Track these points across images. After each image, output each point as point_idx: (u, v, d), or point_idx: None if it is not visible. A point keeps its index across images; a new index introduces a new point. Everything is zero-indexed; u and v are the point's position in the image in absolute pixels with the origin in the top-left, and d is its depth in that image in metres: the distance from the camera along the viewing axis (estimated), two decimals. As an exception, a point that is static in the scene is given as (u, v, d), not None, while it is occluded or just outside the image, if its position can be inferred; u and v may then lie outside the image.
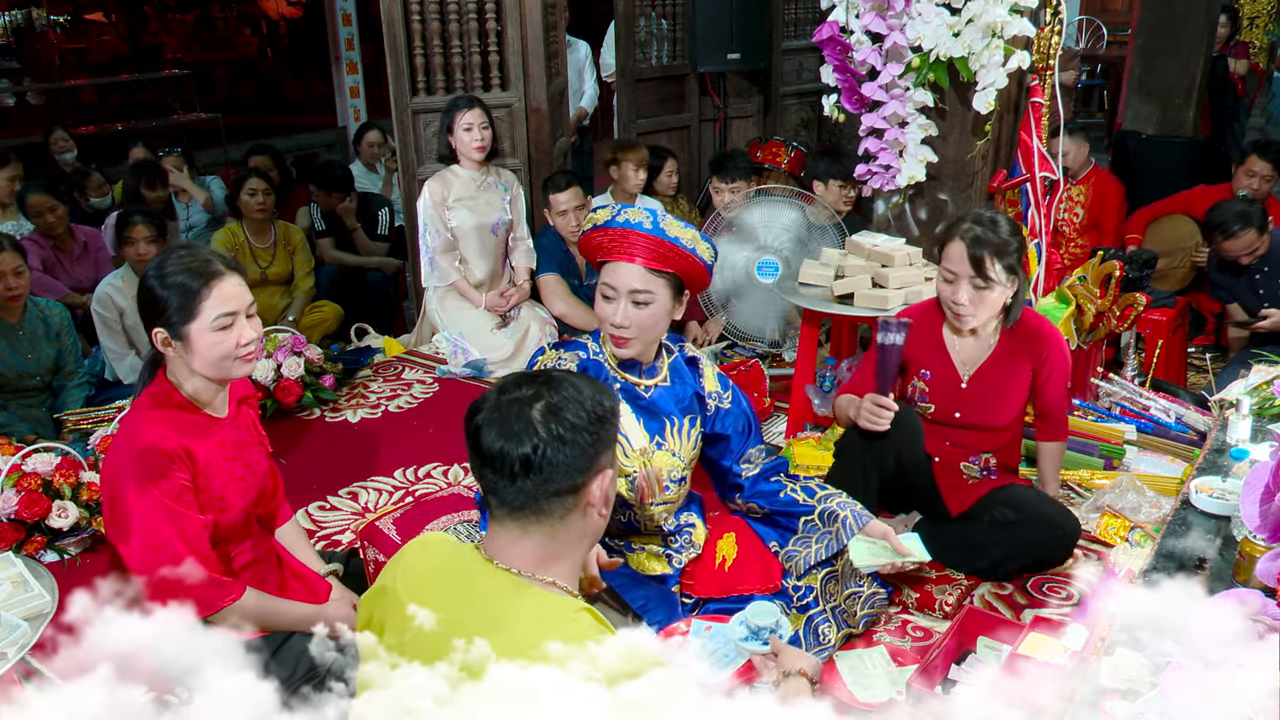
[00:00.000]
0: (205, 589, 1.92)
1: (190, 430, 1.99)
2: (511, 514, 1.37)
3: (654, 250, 2.14)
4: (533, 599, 1.35)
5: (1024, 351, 2.66)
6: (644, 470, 2.27)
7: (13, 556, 2.46)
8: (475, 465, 1.38)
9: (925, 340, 2.71)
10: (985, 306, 2.56)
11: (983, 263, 2.49)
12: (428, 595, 1.36)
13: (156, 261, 1.99)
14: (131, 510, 1.90)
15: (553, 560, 1.39)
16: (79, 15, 11.99)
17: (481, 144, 4.14)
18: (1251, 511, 1.71)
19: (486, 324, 4.28)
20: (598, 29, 6.96)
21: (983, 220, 2.54)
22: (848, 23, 3.35)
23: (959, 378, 2.70)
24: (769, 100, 6.11)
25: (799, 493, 2.37)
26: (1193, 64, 6.01)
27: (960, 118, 3.43)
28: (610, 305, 2.19)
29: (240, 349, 1.99)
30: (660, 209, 2.27)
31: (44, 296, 3.97)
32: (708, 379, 2.40)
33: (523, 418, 1.34)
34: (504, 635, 1.24)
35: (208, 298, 1.94)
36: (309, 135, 9.80)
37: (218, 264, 1.99)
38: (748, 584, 2.34)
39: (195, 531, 1.94)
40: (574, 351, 2.28)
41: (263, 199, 4.67)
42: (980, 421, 2.70)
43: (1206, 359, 4.22)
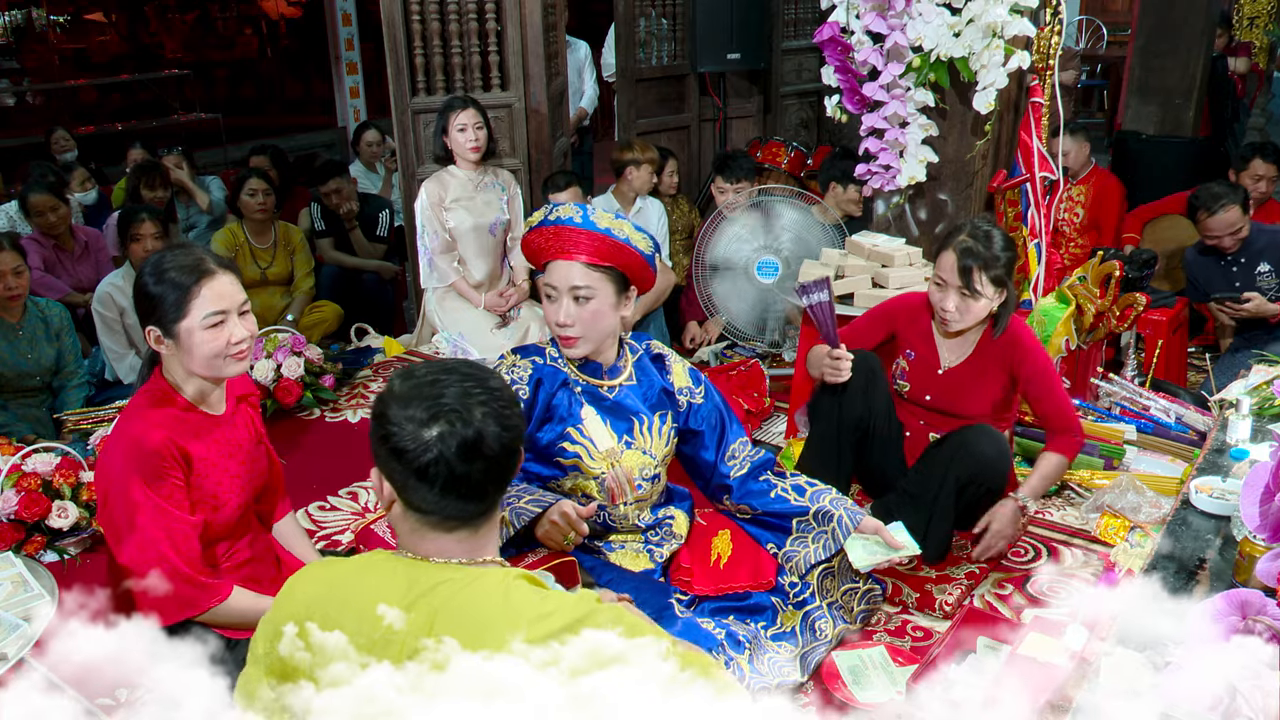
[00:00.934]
0: (190, 589, 1.93)
1: (185, 428, 1.99)
2: (461, 525, 1.35)
3: (589, 245, 2.15)
4: (484, 580, 1.35)
5: (1001, 357, 2.75)
6: (612, 472, 2.27)
7: (13, 556, 2.46)
8: (426, 498, 1.33)
9: (916, 326, 2.85)
10: (971, 314, 2.68)
11: (971, 274, 2.60)
12: (351, 612, 1.31)
13: (152, 260, 1.99)
14: (122, 509, 1.90)
15: (489, 542, 1.41)
16: (79, 15, 11.99)
17: (476, 144, 4.13)
18: (1251, 511, 1.71)
19: (486, 324, 4.28)
20: (598, 29, 6.96)
21: (978, 233, 2.64)
22: (848, 23, 3.35)
23: (938, 364, 2.82)
24: (769, 100, 6.11)
25: (789, 492, 2.37)
26: (1193, 64, 6.01)
27: (960, 118, 3.43)
28: (553, 305, 2.19)
29: (231, 347, 1.99)
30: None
31: (45, 296, 3.97)
32: (676, 375, 2.39)
33: (477, 439, 1.32)
34: (468, 624, 1.26)
35: (198, 295, 1.95)
36: (309, 135, 9.80)
37: (210, 262, 1.99)
38: (741, 580, 2.34)
39: (184, 532, 1.94)
40: (529, 357, 2.28)
41: (263, 199, 4.67)
42: (948, 408, 2.82)
43: (1206, 359, 4.22)
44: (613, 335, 2.28)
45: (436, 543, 1.37)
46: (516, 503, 2.13)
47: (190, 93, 9.66)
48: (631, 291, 2.25)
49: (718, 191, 4.60)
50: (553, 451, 2.26)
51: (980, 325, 2.76)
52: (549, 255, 2.20)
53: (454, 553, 1.37)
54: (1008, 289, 2.68)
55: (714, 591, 2.32)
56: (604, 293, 2.18)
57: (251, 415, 2.21)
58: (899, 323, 2.89)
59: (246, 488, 2.11)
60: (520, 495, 2.15)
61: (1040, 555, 2.82)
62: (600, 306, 2.18)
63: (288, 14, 12.51)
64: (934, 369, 2.82)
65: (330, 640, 1.25)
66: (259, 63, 13.08)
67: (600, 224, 2.15)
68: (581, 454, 2.25)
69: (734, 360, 4.21)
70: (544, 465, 2.30)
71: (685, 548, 2.43)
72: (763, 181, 4.74)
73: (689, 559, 2.40)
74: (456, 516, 1.35)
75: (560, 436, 2.25)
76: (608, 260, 2.16)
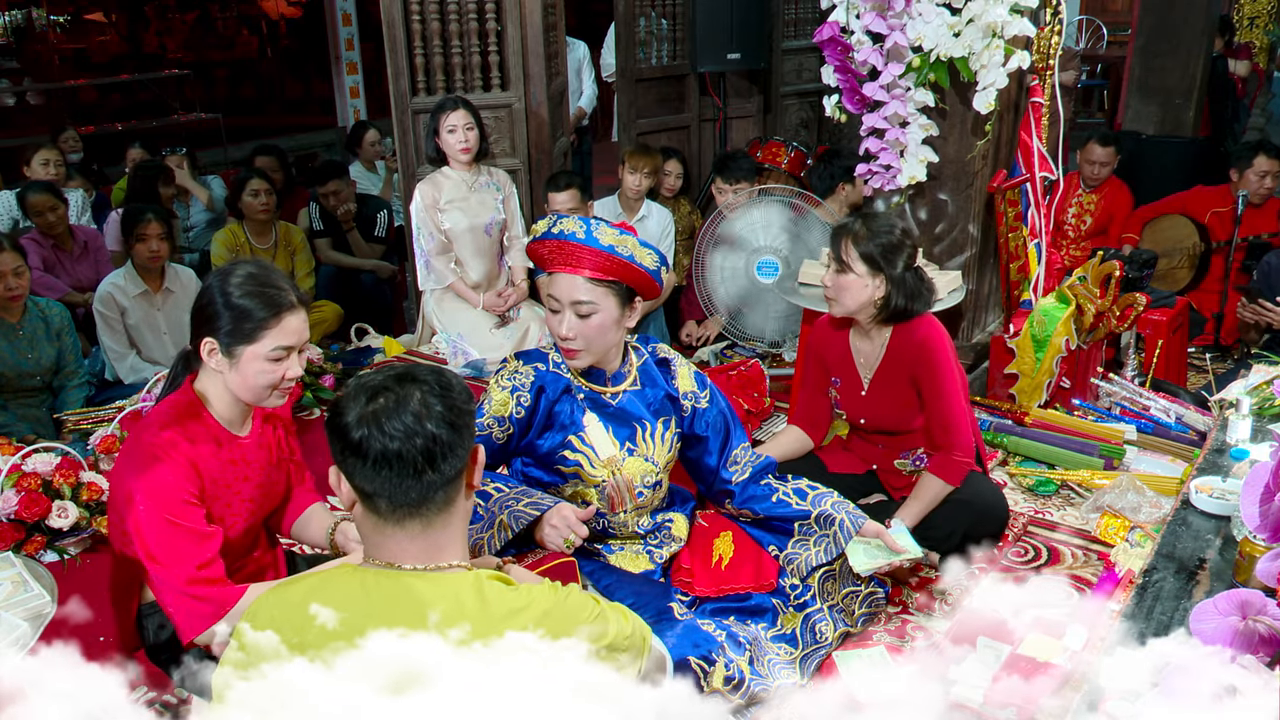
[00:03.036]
0: (203, 605, 1.88)
1: (205, 448, 1.94)
2: (409, 514, 1.36)
3: (593, 260, 2.11)
4: (448, 584, 1.36)
5: (906, 359, 2.67)
6: (613, 479, 2.26)
7: (12, 556, 2.46)
8: (364, 475, 1.35)
9: (833, 349, 2.80)
10: (845, 294, 2.62)
11: (839, 245, 2.59)
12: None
13: (224, 272, 1.93)
14: (142, 522, 1.85)
15: (450, 545, 1.41)
16: (79, 15, 12.00)
17: (466, 145, 4.12)
18: (1251, 511, 1.71)
19: (485, 324, 4.28)
20: (597, 29, 6.96)
21: (868, 216, 2.64)
22: (848, 23, 3.35)
23: (861, 384, 2.75)
24: (769, 100, 6.11)
25: (791, 496, 2.37)
26: (1192, 64, 6.01)
27: (960, 118, 3.43)
28: (556, 317, 2.17)
29: (285, 382, 1.96)
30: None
31: (44, 296, 3.97)
32: (682, 380, 2.37)
33: (407, 413, 1.34)
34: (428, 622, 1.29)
35: (274, 328, 1.90)
36: (309, 135, 9.79)
37: (291, 295, 1.94)
38: (742, 582, 2.34)
39: (204, 533, 1.89)
40: (532, 363, 2.26)
41: (265, 200, 4.67)
42: (884, 427, 2.75)
43: (1206, 359, 4.22)
44: (617, 344, 2.27)
45: (393, 539, 1.37)
46: (515, 505, 2.11)
47: (190, 93, 9.65)
48: (637, 302, 2.22)
49: (717, 192, 4.59)
50: (553, 459, 2.25)
51: (872, 321, 2.66)
52: (553, 266, 2.17)
53: (410, 553, 1.37)
54: (888, 278, 2.57)
55: (715, 592, 2.32)
56: (607, 306, 2.15)
57: (279, 436, 2.15)
58: (822, 349, 2.82)
59: (257, 511, 2.07)
60: (519, 498, 2.14)
61: (1040, 555, 2.82)
62: (604, 320, 2.15)
63: (288, 14, 12.52)
64: (858, 390, 2.75)
65: (263, 639, 1.29)
66: (259, 63, 13.08)
67: (604, 240, 2.10)
68: (583, 462, 2.24)
69: (734, 360, 4.21)
70: (544, 471, 2.29)
71: (687, 549, 2.43)
72: (763, 181, 4.74)
73: (690, 560, 2.40)
74: (401, 501, 1.35)
75: (561, 444, 2.24)
76: (611, 275, 2.13)
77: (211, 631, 1.87)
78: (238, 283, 1.91)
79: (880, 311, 2.63)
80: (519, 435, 2.23)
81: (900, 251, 2.59)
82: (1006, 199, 3.52)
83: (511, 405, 2.20)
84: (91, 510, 2.90)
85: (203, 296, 1.94)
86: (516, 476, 2.32)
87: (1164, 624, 1.74)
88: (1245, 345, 4.25)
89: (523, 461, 2.31)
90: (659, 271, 2.19)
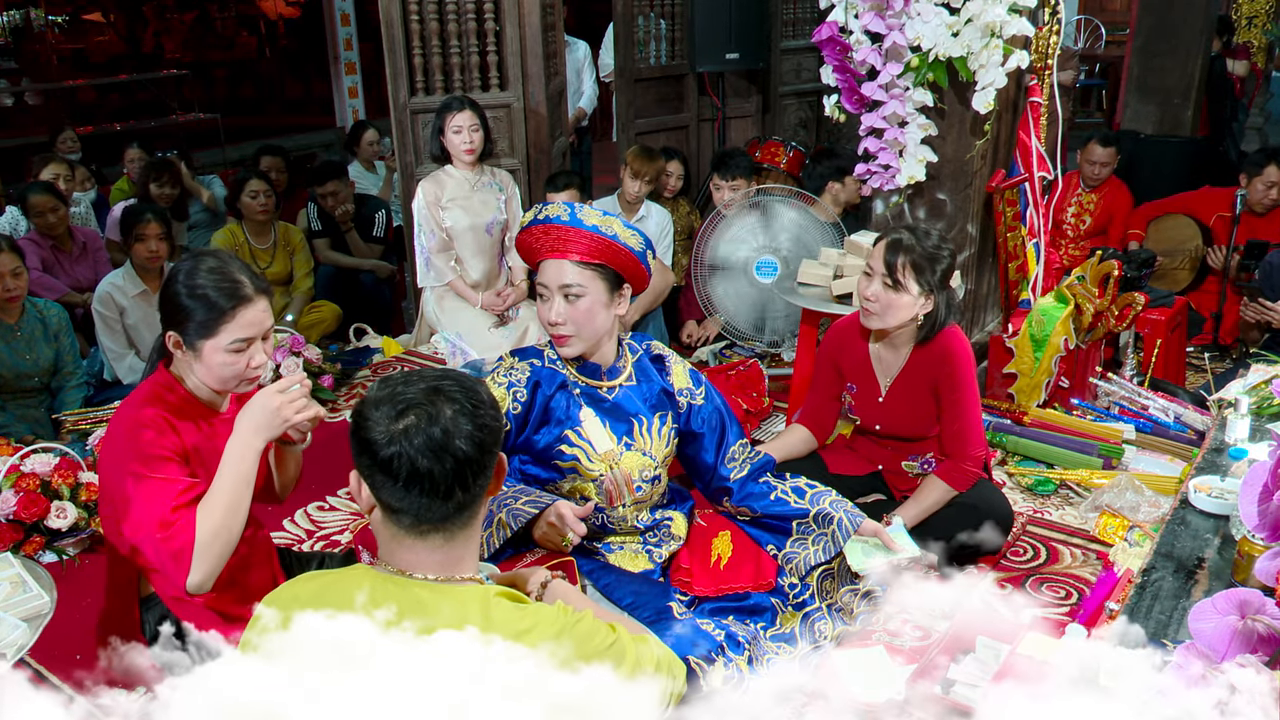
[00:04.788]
0: (186, 521, 1.87)
1: (184, 417, 1.98)
2: (433, 529, 1.34)
3: (578, 243, 2.15)
4: (455, 598, 1.34)
5: (930, 368, 2.67)
6: (610, 474, 2.27)
7: (11, 557, 2.45)
8: (393, 493, 1.33)
9: (852, 354, 2.78)
10: (891, 310, 2.59)
11: (895, 266, 2.55)
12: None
13: (188, 268, 1.95)
14: (130, 491, 1.87)
15: (468, 556, 1.40)
16: (77, 15, 12.00)
17: (470, 146, 4.12)
18: (1250, 510, 1.71)
19: (484, 324, 4.28)
20: (597, 29, 6.96)
21: (917, 231, 2.60)
22: (847, 23, 3.35)
23: (879, 390, 2.74)
24: (768, 100, 6.11)
25: (789, 494, 2.37)
26: (1191, 64, 6.02)
27: (959, 117, 3.43)
28: (545, 304, 2.20)
29: (250, 370, 1.98)
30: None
31: (43, 296, 3.97)
32: (677, 376, 2.39)
33: (439, 431, 1.30)
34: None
35: (230, 320, 1.92)
36: (308, 135, 9.80)
37: (248, 287, 1.95)
38: (741, 581, 2.34)
39: (193, 497, 1.90)
40: (527, 360, 2.28)
41: (264, 200, 4.67)
42: (899, 433, 2.76)
43: (1205, 358, 4.22)
44: (609, 335, 2.28)
45: (412, 551, 1.36)
46: (513, 504, 2.12)
47: (189, 93, 9.64)
48: (625, 289, 2.24)
49: (715, 189, 4.59)
50: (551, 454, 2.26)
51: (906, 335, 2.67)
52: (541, 254, 2.20)
53: (428, 564, 1.36)
54: (935, 298, 2.58)
55: (714, 592, 2.32)
56: (595, 290, 2.18)
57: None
58: (838, 354, 2.81)
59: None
60: (517, 496, 2.15)
61: (1039, 555, 2.82)
62: (591, 304, 2.18)
63: (286, 14, 12.51)
64: (875, 397, 2.75)
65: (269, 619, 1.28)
66: (258, 63, 13.08)
67: (587, 221, 2.15)
68: (580, 456, 2.25)
69: (733, 360, 4.21)
70: (541, 468, 2.29)
71: (685, 548, 2.43)
72: (761, 181, 4.74)
73: (689, 559, 2.40)
74: (427, 519, 1.34)
75: (558, 439, 2.24)
76: (598, 258, 2.17)
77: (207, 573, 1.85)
78: (193, 277, 1.93)
79: (921, 329, 2.64)
80: (516, 431, 2.25)
81: (951, 271, 2.61)
82: (1005, 199, 3.52)
83: (508, 402, 2.22)
84: (90, 510, 2.90)
85: (165, 290, 1.97)
86: (515, 475, 2.32)
87: (1163, 623, 1.74)
88: (1244, 345, 4.25)
89: (521, 459, 2.32)
90: (645, 254, 2.22)
